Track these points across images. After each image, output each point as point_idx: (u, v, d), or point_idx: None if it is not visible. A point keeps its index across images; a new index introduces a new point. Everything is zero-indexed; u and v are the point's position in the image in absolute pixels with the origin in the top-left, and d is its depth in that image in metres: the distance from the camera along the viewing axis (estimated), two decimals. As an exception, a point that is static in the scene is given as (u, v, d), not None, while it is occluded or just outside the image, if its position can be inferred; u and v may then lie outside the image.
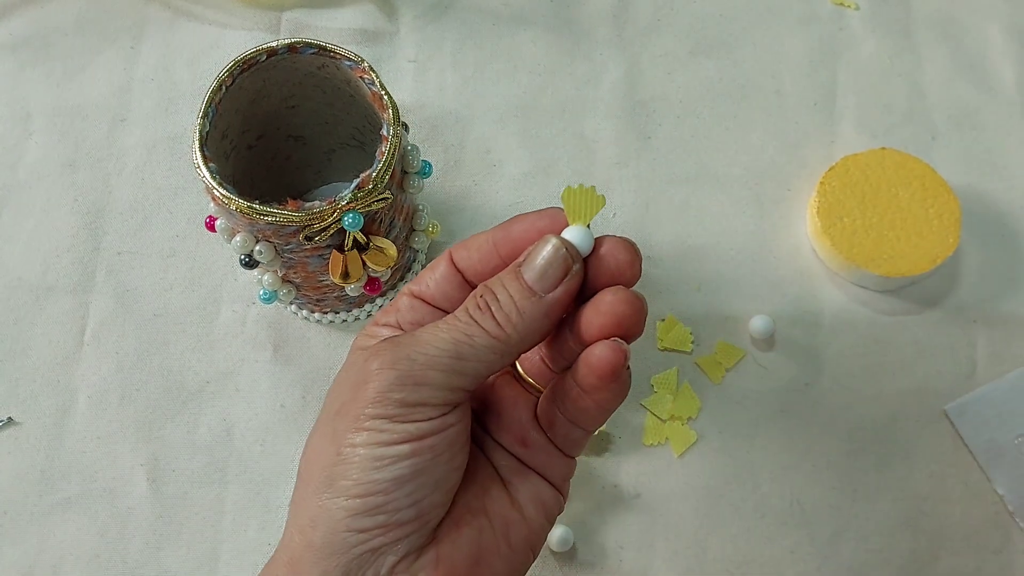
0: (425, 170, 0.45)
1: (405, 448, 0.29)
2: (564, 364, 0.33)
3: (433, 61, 0.58)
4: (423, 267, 0.52)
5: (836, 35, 0.59)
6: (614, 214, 0.54)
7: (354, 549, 0.29)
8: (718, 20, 0.59)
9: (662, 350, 0.51)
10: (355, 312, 0.51)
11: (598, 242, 0.31)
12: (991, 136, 0.56)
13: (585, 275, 0.31)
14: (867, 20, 0.59)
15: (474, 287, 0.32)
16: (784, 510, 0.48)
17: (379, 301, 0.51)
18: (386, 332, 0.33)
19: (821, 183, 0.52)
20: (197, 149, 0.41)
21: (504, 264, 0.32)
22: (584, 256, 0.31)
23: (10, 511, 0.48)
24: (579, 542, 0.47)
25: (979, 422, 0.49)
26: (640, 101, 0.57)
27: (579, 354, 0.31)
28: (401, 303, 0.33)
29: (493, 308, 0.30)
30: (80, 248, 0.53)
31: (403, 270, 0.51)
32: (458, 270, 0.33)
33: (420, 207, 0.48)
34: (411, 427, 0.29)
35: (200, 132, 0.41)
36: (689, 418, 0.49)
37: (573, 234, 0.31)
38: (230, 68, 0.42)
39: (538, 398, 0.34)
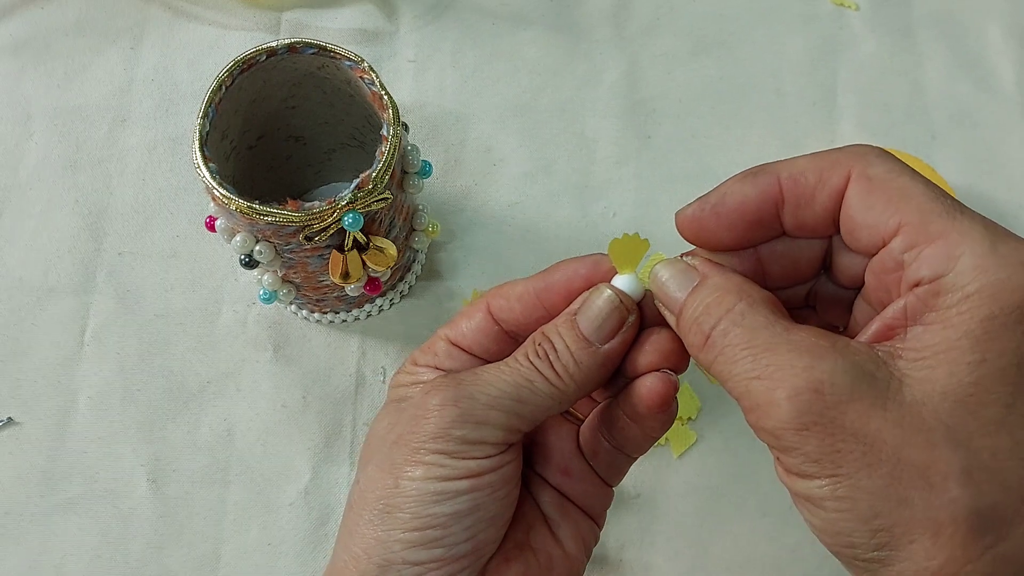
0: (425, 170, 0.45)
1: (464, 484, 0.29)
2: (608, 393, 0.33)
3: (433, 61, 0.58)
4: (423, 267, 0.52)
5: (836, 34, 0.59)
6: (614, 214, 0.54)
7: None
8: (718, 19, 0.59)
9: (662, 349, 0.51)
10: (355, 312, 0.51)
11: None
12: (991, 135, 0.56)
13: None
14: (867, 19, 0.59)
15: (512, 336, 0.33)
16: (785, 509, 0.48)
17: (379, 301, 0.51)
18: (426, 372, 0.33)
19: (821, 182, 0.52)
20: (197, 149, 0.41)
21: (548, 315, 0.32)
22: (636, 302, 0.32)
23: (11, 512, 0.48)
24: (580, 541, 0.47)
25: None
26: (640, 100, 0.57)
27: (623, 383, 0.32)
28: (439, 347, 0.33)
29: (551, 357, 0.31)
30: (81, 249, 0.53)
31: (403, 270, 0.51)
32: (496, 321, 0.33)
33: (420, 207, 0.48)
34: (472, 464, 0.29)
35: (200, 132, 0.41)
36: (689, 418, 0.49)
37: (623, 283, 0.31)
38: (230, 68, 0.42)
39: (578, 426, 0.34)
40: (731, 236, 0.30)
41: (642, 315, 0.32)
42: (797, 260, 0.31)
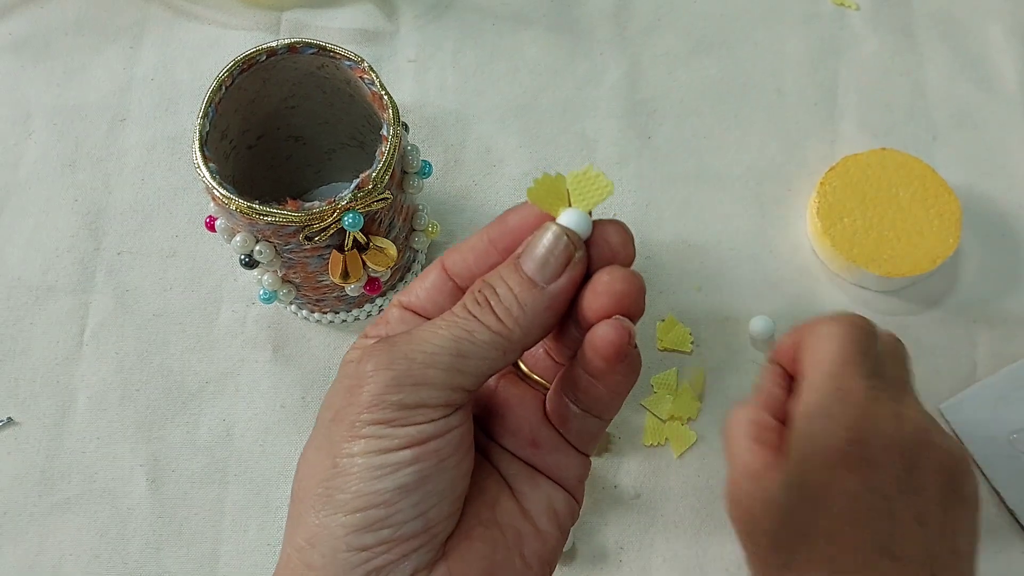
0: (425, 170, 0.45)
1: (407, 454, 0.27)
2: (570, 353, 0.31)
3: (433, 61, 0.58)
4: (423, 267, 0.52)
5: (837, 34, 0.59)
6: (614, 214, 0.54)
7: (357, 569, 0.27)
8: (719, 19, 0.59)
9: (662, 350, 0.51)
10: (355, 312, 0.51)
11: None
12: (992, 136, 0.56)
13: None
14: (868, 19, 0.59)
15: None
16: (784, 510, 0.48)
17: (379, 301, 0.51)
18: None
19: (821, 183, 0.52)
20: (197, 149, 0.41)
21: (504, 260, 0.30)
22: (584, 241, 0.29)
23: (10, 511, 0.48)
24: (579, 542, 0.47)
25: (974, 420, 0.49)
26: (641, 100, 0.57)
27: (582, 340, 0.29)
28: (391, 315, 0.31)
29: (493, 302, 0.28)
30: (80, 248, 0.53)
31: (403, 270, 0.50)
32: (450, 277, 0.31)
33: (420, 207, 0.48)
34: (412, 430, 0.27)
35: (200, 132, 0.41)
36: (689, 418, 0.49)
37: (571, 218, 0.29)
38: (230, 68, 0.42)
39: (545, 395, 0.32)
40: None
41: (591, 255, 0.29)
42: None
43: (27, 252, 0.53)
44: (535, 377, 0.33)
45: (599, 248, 0.29)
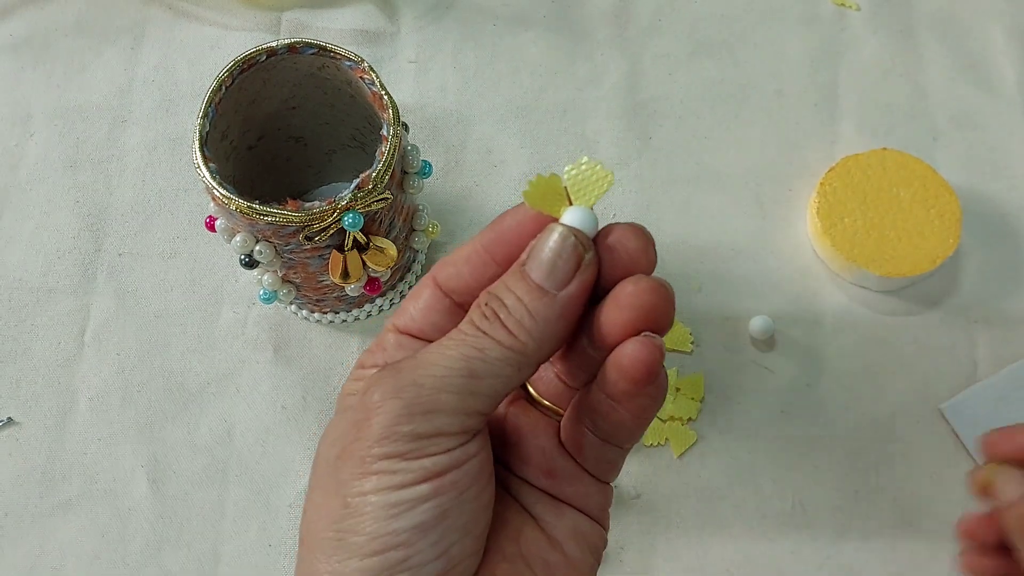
0: (425, 170, 0.45)
1: (424, 488, 0.25)
2: (584, 377, 0.29)
3: (434, 61, 0.58)
4: (423, 267, 0.52)
5: (837, 35, 0.59)
6: (614, 215, 0.54)
7: None
8: (719, 20, 0.59)
9: (663, 350, 0.51)
10: (355, 312, 0.51)
11: (603, 232, 0.27)
12: (992, 136, 0.56)
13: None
14: (868, 20, 0.59)
15: (466, 310, 0.28)
16: (785, 510, 0.48)
17: (379, 301, 0.51)
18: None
19: (822, 183, 0.52)
20: (197, 149, 0.41)
21: (503, 270, 0.28)
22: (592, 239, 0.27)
23: (11, 512, 0.48)
24: (580, 543, 0.47)
25: (973, 420, 0.49)
26: (641, 101, 0.57)
27: (600, 362, 0.27)
28: (387, 341, 0.29)
29: (502, 315, 0.26)
30: (81, 249, 0.53)
31: (403, 270, 0.51)
32: (445, 294, 0.29)
33: (420, 207, 0.48)
34: (427, 462, 0.25)
35: (200, 132, 0.41)
36: (689, 419, 0.49)
37: (574, 216, 0.27)
38: (230, 68, 0.42)
39: (559, 422, 0.30)
40: None
41: (608, 263, 0.27)
42: None
43: (28, 253, 0.53)
44: (546, 403, 0.30)
45: (617, 255, 0.27)
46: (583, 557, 0.28)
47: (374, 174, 0.40)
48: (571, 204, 0.27)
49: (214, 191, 0.40)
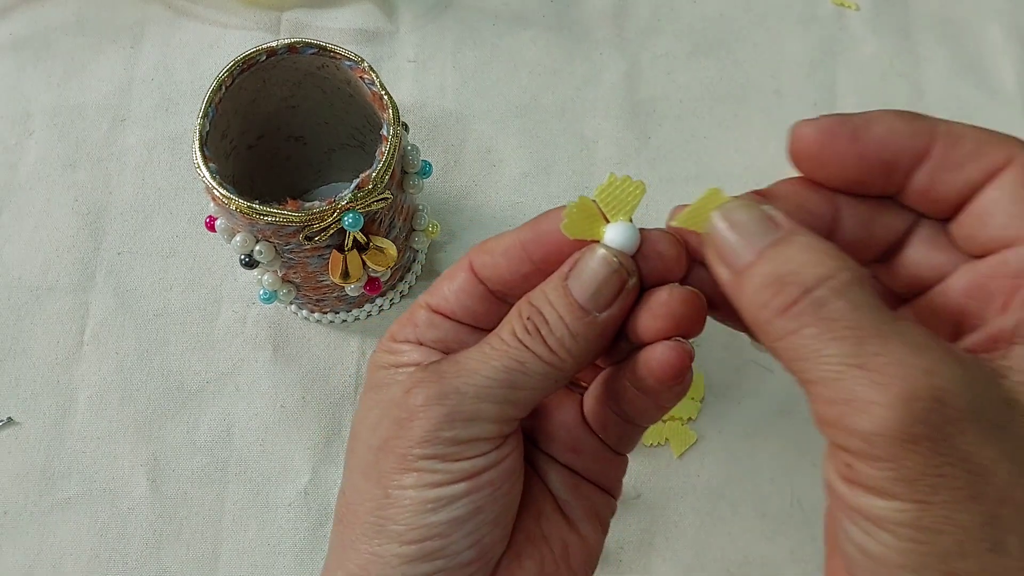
0: (425, 170, 0.45)
1: (461, 487, 0.27)
2: (612, 358, 0.30)
3: (433, 61, 0.58)
4: (423, 267, 0.52)
5: (836, 35, 0.59)
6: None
7: None
8: (718, 20, 0.59)
9: (662, 350, 0.51)
10: (355, 312, 0.51)
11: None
12: (991, 136, 0.56)
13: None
14: (867, 20, 0.59)
15: (500, 298, 0.29)
16: (784, 510, 0.48)
17: (379, 301, 0.51)
18: (407, 349, 0.30)
19: (821, 183, 0.52)
20: (197, 149, 0.41)
21: (537, 271, 0.28)
22: (632, 255, 0.28)
23: (10, 511, 0.48)
24: (579, 542, 0.47)
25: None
26: (640, 101, 0.57)
27: (627, 349, 0.28)
28: (419, 317, 0.30)
29: (543, 332, 0.27)
30: (80, 248, 0.53)
31: (403, 270, 0.51)
32: (480, 279, 0.29)
33: (420, 207, 0.48)
34: (466, 465, 0.27)
35: (200, 132, 0.41)
36: (689, 418, 0.49)
37: (616, 235, 0.27)
38: (230, 68, 0.42)
39: (581, 396, 0.31)
40: (857, 169, 0.26)
41: (639, 269, 0.28)
42: (873, 234, 0.27)
43: (27, 252, 0.53)
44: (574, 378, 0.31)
45: (650, 262, 0.28)
46: (596, 536, 0.30)
47: (374, 174, 0.40)
48: (608, 221, 0.28)
49: (214, 191, 0.40)
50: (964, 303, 0.25)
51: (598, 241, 0.28)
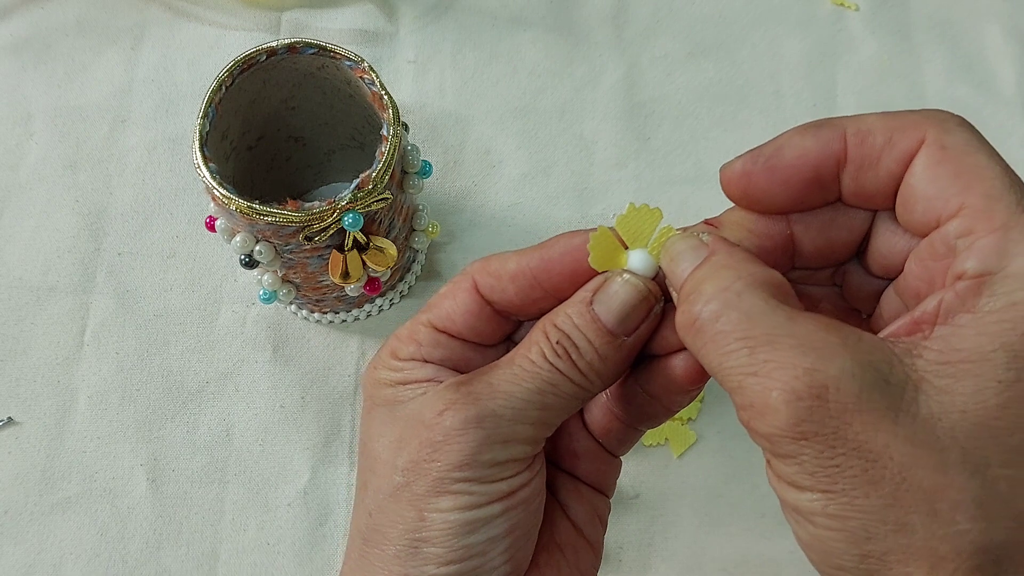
0: (425, 170, 0.45)
1: (498, 507, 0.27)
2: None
3: (433, 62, 0.58)
4: (423, 267, 0.52)
5: (835, 36, 0.59)
6: (613, 215, 0.54)
7: None
8: (717, 21, 0.59)
9: (661, 350, 0.51)
10: (355, 312, 0.51)
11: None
12: (990, 137, 0.55)
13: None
14: (866, 21, 0.59)
15: (505, 316, 0.30)
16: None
17: (379, 301, 0.51)
18: (411, 366, 0.30)
19: (820, 184, 0.52)
20: (197, 150, 0.41)
21: (549, 297, 0.29)
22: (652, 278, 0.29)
23: (10, 511, 0.48)
24: (578, 542, 0.47)
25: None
26: (639, 102, 0.57)
27: (642, 359, 0.29)
28: (421, 336, 0.30)
29: (573, 356, 0.28)
30: (81, 249, 0.53)
31: (403, 270, 0.51)
32: (486, 301, 0.30)
33: (420, 207, 0.48)
34: (503, 486, 0.27)
35: (200, 133, 0.41)
36: (689, 418, 0.49)
37: (639, 261, 0.28)
38: (230, 68, 0.42)
39: None
40: (784, 195, 0.27)
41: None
42: (834, 238, 0.28)
43: (28, 253, 0.53)
44: None
45: (665, 286, 0.29)
46: (598, 536, 0.32)
47: (374, 174, 0.41)
48: (627, 248, 0.29)
49: (214, 191, 0.40)
50: (916, 285, 0.26)
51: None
